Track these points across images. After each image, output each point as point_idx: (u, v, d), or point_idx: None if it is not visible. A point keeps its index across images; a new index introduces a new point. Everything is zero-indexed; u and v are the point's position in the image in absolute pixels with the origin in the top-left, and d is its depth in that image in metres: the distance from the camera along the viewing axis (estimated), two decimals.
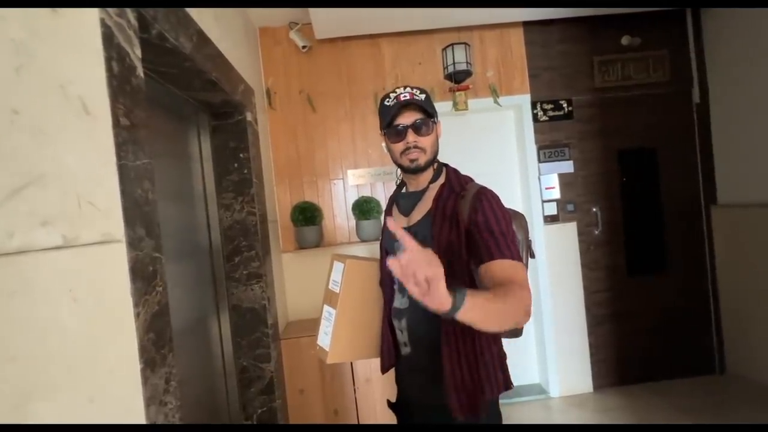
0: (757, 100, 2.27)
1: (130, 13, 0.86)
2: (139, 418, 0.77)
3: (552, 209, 2.51)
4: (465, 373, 0.93)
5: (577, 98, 2.52)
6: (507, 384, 0.99)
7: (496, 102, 2.45)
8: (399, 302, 1.05)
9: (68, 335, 0.61)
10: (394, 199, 1.15)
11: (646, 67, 2.56)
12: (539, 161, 2.50)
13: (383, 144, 1.08)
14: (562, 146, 2.51)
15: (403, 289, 1.04)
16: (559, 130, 2.52)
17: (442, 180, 1.03)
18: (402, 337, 1.04)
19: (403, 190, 1.11)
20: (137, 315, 0.78)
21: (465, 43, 2.33)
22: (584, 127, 2.54)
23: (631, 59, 2.55)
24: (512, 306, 0.77)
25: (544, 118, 2.50)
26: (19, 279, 0.54)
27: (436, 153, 1.02)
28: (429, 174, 1.03)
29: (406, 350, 1.04)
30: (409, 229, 1.03)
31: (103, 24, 0.77)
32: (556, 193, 2.50)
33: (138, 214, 0.82)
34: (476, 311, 0.71)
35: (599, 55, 2.52)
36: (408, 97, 0.98)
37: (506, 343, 1.06)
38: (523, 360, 2.67)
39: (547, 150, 2.50)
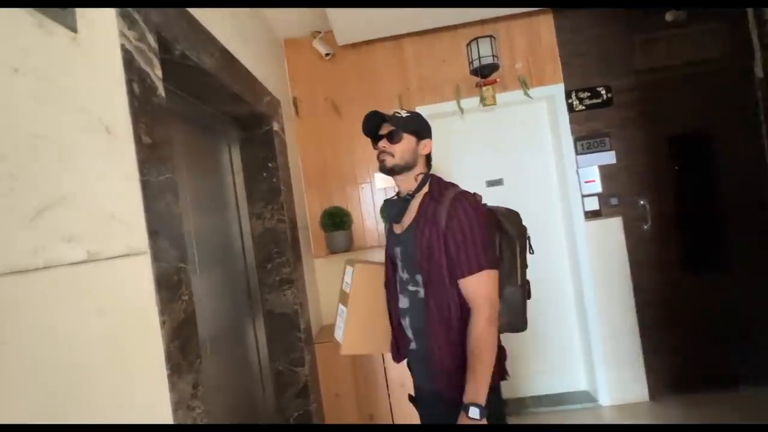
0: None
1: (150, 36, 0.91)
2: (167, 422, 0.80)
3: (593, 204, 2.35)
4: (450, 363, 1.05)
5: (617, 83, 2.35)
6: (501, 374, 1.10)
7: (526, 94, 2.34)
8: (402, 302, 1.18)
9: (95, 344, 0.65)
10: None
11: (696, 43, 2.32)
12: (577, 153, 2.35)
13: None
14: (601, 136, 2.35)
15: (404, 290, 1.17)
16: (597, 119, 2.36)
17: (425, 189, 1.15)
18: (408, 333, 1.17)
19: (395, 197, 1.24)
20: (163, 323, 0.82)
21: (490, 36, 2.25)
22: (626, 114, 2.35)
23: (677, 35, 2.33)
24: (482, 349, 0.99)
25: (580, 107, 2.35)
26: (46, 293, 0.58)
27: (408, 161, 1.14)
28: (411, 183, 1.16)
29: (413, 345, 1.17)
30: (401, 235, 1.16)
31: (124, 49, 0.82)
32: (596, 187, 2.34)
33: (162, 227, 0.86)
34: (483, 380, 0.97)
35: (641, 34, 2.33)
36: (381, 113, 1.15)
37: (549, 345, 1.05)
38: (568, 365, 2.52)
39: (585, 141, 2.35)
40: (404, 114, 1.16)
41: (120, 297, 0.72)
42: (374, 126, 1.17)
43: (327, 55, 2.37)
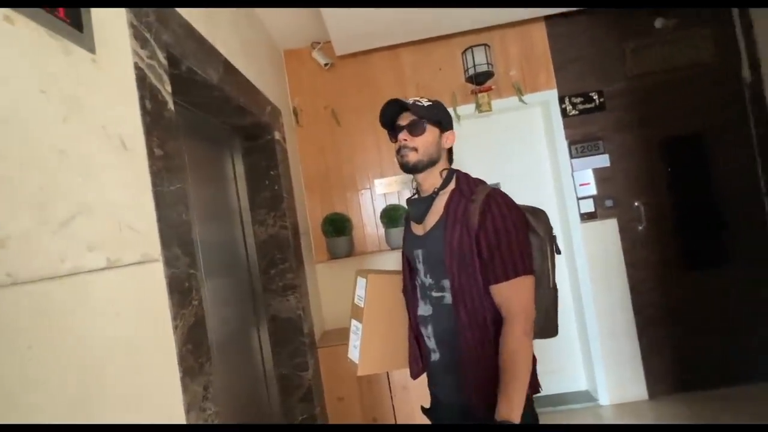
0: None
1: (160, 53, 0.96)
2: (180, 422, 0.84)
3: (589, 206, 2.40)
4: (483, 374, 0.95)
5: (609, 88, 2.41)
6: (534, 387, 0.98)
7: (521, 100, 2.40)
8: (423, 309, 1.08)
9: (114, 348, 0.69)
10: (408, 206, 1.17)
11: (684, 48, 2.39)
12: (571, 157, 2.41)
13: None
14: (595, 140, 2.40)
15: (425, 296, 1.06)
16: (590, 123, 2.41)
17: (452, 186, 1.05)
18: (430, 343, 1.07)
19: (415, 196, 1.12)
20: (175, 327, 0.85)
21: (485, 45, 2.31)
22: (619, 118, 2.41)
23: (667, 41, 2.40)
24: (517, 364, 0.89)
25: (574, 112, 2.41)
26: (70, 299, 0.61)
27: (432, 156, 1.03)
28: (435, 179, 1.05)
29: (435, 356, 1.06)
30: (425, 237, 1.05)
31: (137, 67, 0.87)
32: (591, 189, 2.39)
33: (173, 235, 0.90)
34: (518, 398, 0.88)
35: (630, 41, 2.40)
36: (402, 100, 1.03)
37: (548, 346, 1.02)
38: (568, 366, 2.55)
39: (579, 145, 2.40)
40: (426, 102, 1.03)
41: (136, 302, 0.76)
42: (392, 116, 1.05)
43: (326, 65, 2.43)
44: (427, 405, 1.16)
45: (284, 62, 2.49)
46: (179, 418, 0.83)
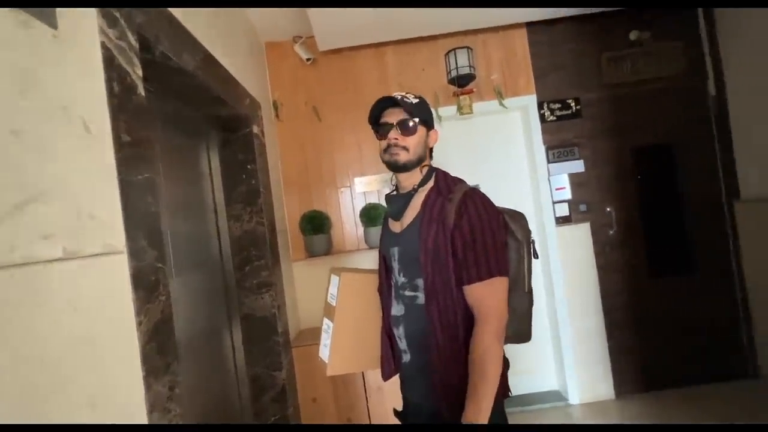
0: None
1: (130, 35, 0.91)
2: (142, 422, 0.79)
3: (564, 210, 2.46)
4: (454, 376, 0.93)
5: (586, 96, 2.48)
6: (504, 391, 0.98)
7: (501, 104, 2.43)
8: (395, 309, 1.06)
9: (70, 343, 0.64)
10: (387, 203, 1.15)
11: (657, 61, 2.49)
12: (548, 162, 2.46)
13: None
14: (571, 146, 2.47)
15: (398, 296, 1.05)
16: (567, 129, 2.48)
17: (431, 184, 1.04)
18: (401, 344, 1.05)
19: (394, 193, 1.11)
20: (139, 324, 0.81)
21: (467, 47, 2.33)
22: (594, 126, 2.49)
23: (641, 54, 2.49)
24: (486, 365, 0.88)
25: (552, 118, 2.47)
26: (21, 290, 0.57)
27: (420, 155, 1.02)
28: (416, 177, 1.04)
29: (406, 357, 1.04)
30: (400, 234, 1.04)
31: (104, 47, 0.81)
32: (567, 194, 2.45)
33: (140, 226, 0.85)
34: (486, 400, 0.86)
35: (607, 52, 2.48)
36: (395, 96, 1.00)
37: (521, 347, 1.01)
38: (540, 366, 2.60)
39: (556, 150, 2.46)
40: (414, 99, 1.01)
41: (96, 296, 0.71)
42: (378, 111, 1.03)
43: (308, 60, 2.39)
44: (400, 407, 1.14)
45: (265, 55, 2.44)
46: (141, 418, 0.79)
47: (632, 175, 2.51)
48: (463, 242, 0.92)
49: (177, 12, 1.19)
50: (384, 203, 2.35)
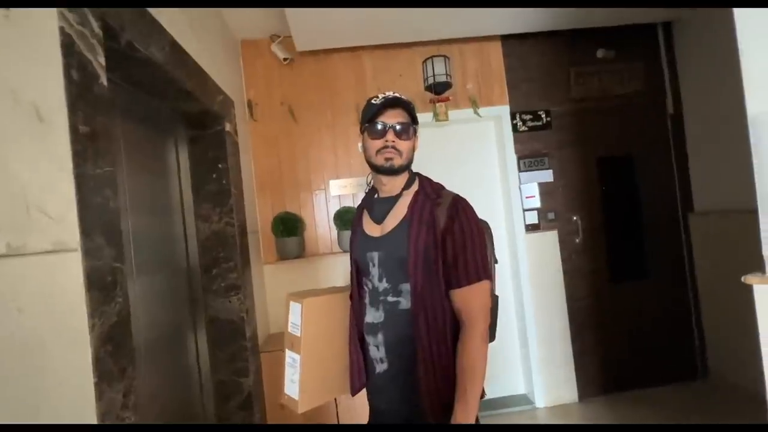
0: (727, 110, 2.35)
1: (93, 21, 0.86)
2: None
3: (533, 218, 2.53)
4: (438, 378, 0.95)
5: (555, 109, 2.58)
6: (482, 393, 0.98)
7: (476, 113, 2.49)
8: (373, 316, 1.02)
9: (13, 345, 0.59)
10: (364, 207, 1.13)
11: (620, 78, 2.63)
12: (519, 170, 2.53)
13: (360, 143, 1.07)
14: (541, 156, 2.55)
15: (377, 302, 1.01)
16: (538, 140, 2.56)
17: (415, 187, 1.04)
18: (378, 353, 1.01)
19: (375, 196, 1.09)
20: (92, 326, 0.76)
21: (444, 56, 2.37)
22: (562, 137, 2.59)
23: (606, 71, 2.62)
24: (476, 367, 0.90)
25: (524, 128, 2.55)
26: None
27: (410, 160, 1.03)
28: (402, 180, 1.03)
29: (382, 366, 1.01)
30: (382, 238, 1.02)
31: (63, 32, 0.77)
32: (536, 202, 2.53)
33: (97, 223, 0.80)
34: (474, 401, 0.89)
35: (575, 67, 2.59)
36: (396, 96, 1.00)
37: (491, 352, 1.02)
38: (508, 370, 2.65)
39: (527, 160, 2.54)
40: (404, 98, 1.00)
41: (44, 296, 0.66)
42: (379, 113, 0.99)
43: (285, 59, 2.36)
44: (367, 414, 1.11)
45: (241, 52, 2.38)
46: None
47: (597, 185, 2.62)
48: (454, 246, 0.93)
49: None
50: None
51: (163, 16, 1.26)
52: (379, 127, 0.98)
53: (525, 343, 2.56)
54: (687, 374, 2.61)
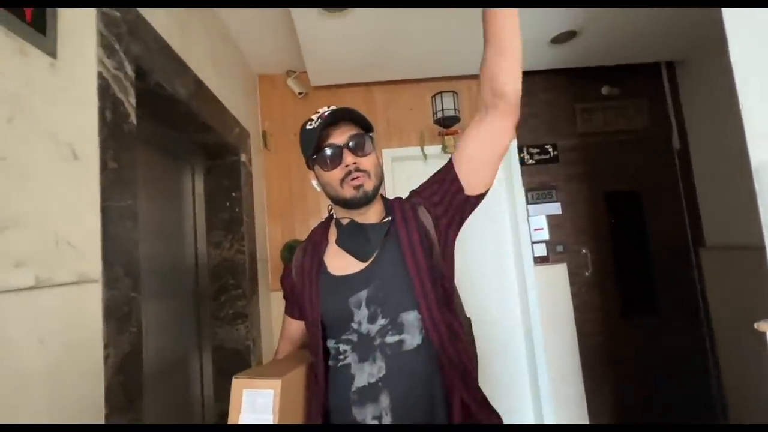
0: (733, 147, 2.37)
1: (128, 65, 0.93)
2: None
3: (542, 250, 2.52)
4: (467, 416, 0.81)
5: (562, 143, 2.62)
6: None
7: None
8: (366, 377, 0.76)
9: (32, 376, 0.61)
10: (317, 246, 0.90)
11: (626, 114, 2.68)
12: (527, 203, 2.55)
13: (314, 182, 0.87)
14: (549, 188, 2.57)
15: (371, 352, 0.76)
16: (545, 173, 2.59)
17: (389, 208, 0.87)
18: (383, 418, 0.76)
19: (344, 224, 0.86)
20: (106, 357, 0.77)
21: (453, 92, 2.46)
22: (570, 171, 2.61)
23: (611, 107, 2.68)
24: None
25: (531, 161, 2.59)
26: None
27: (381, 178, 0.84)
28: (379, 207, 0.85)
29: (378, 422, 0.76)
30: (366, 270, 0.81)
31: (101, 77, 0.83)
32: (545, 235, 2.53)
33: (118, 254, 0.83)
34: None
35: (580, 103, 2.65)
36: (334, 108, 0.81)
37: (499, 387, 0.97)
38: (517, 406, 2.56)
39: (535, 192, 2.56)
40: (346, 108, 0.83)
41: (64, 326, 0.68)
42: (322, 136, 0.79)
43: (300, 94, 2.46)
44: None
45: (258, 86, 2.50)
46: None
47: (606, 218, 2.62)
48: (441, 197, 0.85)
49: (174, 42, 1.22)
50: None
51: (189, 55, 1.34)
52: (329, 152, 0.78)
53: (535, 378, 2.49)
54: (705, 416, 2.49)
